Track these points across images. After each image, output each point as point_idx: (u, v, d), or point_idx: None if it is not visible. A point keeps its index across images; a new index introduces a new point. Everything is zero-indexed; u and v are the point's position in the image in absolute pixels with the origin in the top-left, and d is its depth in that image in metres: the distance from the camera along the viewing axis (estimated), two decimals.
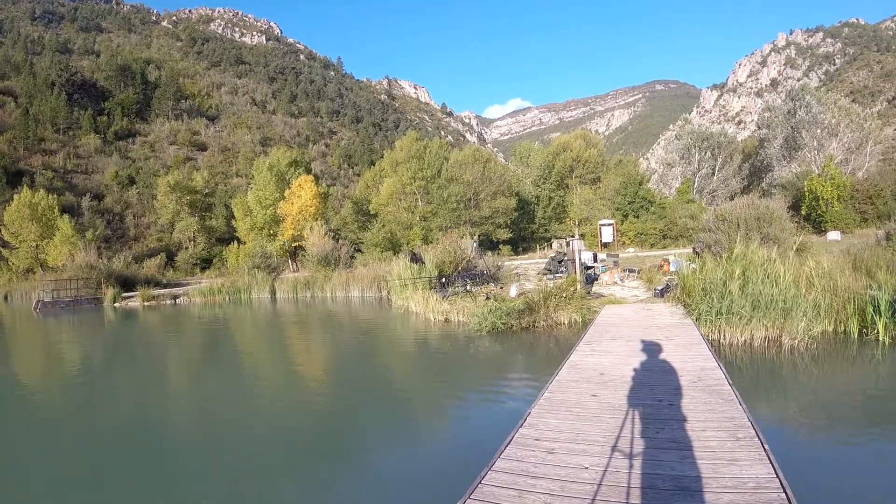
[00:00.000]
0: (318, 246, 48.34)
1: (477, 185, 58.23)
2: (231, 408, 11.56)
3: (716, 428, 5.86)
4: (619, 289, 22.59)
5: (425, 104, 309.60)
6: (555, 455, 5.50)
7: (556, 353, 13.26)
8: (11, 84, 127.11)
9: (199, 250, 74.17)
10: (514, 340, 15.79)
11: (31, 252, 68.27)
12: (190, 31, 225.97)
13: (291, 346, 20.24)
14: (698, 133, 67.82)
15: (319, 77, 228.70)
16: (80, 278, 47.76)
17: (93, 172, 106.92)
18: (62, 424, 11.18)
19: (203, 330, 27.57)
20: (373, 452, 8.11)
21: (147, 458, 8.51)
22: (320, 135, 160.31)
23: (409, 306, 24.45)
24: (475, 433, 8.58)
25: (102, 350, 22.89)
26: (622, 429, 6.05)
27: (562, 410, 6.91)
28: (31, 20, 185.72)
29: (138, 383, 15.09)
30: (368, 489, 6.91)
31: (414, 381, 13.30)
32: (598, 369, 9.00)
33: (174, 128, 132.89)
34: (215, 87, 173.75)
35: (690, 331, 12.40)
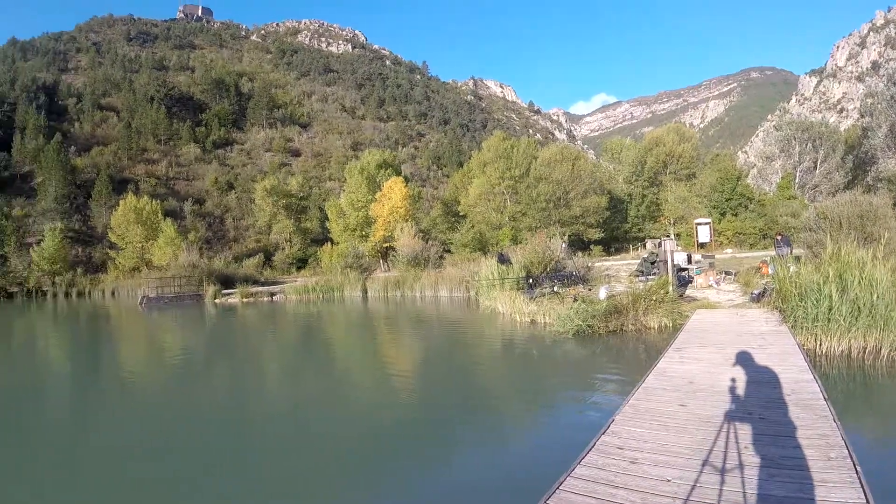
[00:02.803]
0: (407, 246, 48.87)
1: (566, 183, 57.01)
2: (320, 402, 11.86)
3: (807, 446, 5.54)
4: (714, 292, 21.82)
5: (512, 103, 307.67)
6: (637, 465, 5.35)
7: (643, 358, 12.97)
8: (113, 100, 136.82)
9: (295, 251, 76.47)
10: (600, 344, 15.45)
11: (136, 252, 73.25)
12: (279, 44, 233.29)
13: (381, 343, 20.60)
14: (797, 123, 64.17)
15: (405, 81, 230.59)
16: (182, 276, 50.15)
17: (194, 179, 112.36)
18: (162, 411, 11.74)
19: (297, 326, 28.39)
20: (453, 452, 8.16)
21: (237, 448, 8.85)
22: (409, 138, 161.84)
23: (496, 307, 24.33)
24: (556, 438, 8.46)
25: (203, 343, 23.94)
26: (709, 441, 5.80)
27: (647, 419, 6.71)
28: (126, 41, 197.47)
29: (235, 375, 15.73)
30: (447, 489, 6.92)
31: (498, 383, 13.19)
32: (687, 377, 8.72)
33: (269, 136, 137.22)
34: (306, 96, 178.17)
35: (785, 339, 11.84)
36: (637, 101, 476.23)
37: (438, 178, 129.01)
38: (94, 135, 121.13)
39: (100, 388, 15.15)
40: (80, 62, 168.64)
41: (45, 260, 72.94)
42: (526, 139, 70.12)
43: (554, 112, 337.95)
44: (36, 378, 17.35)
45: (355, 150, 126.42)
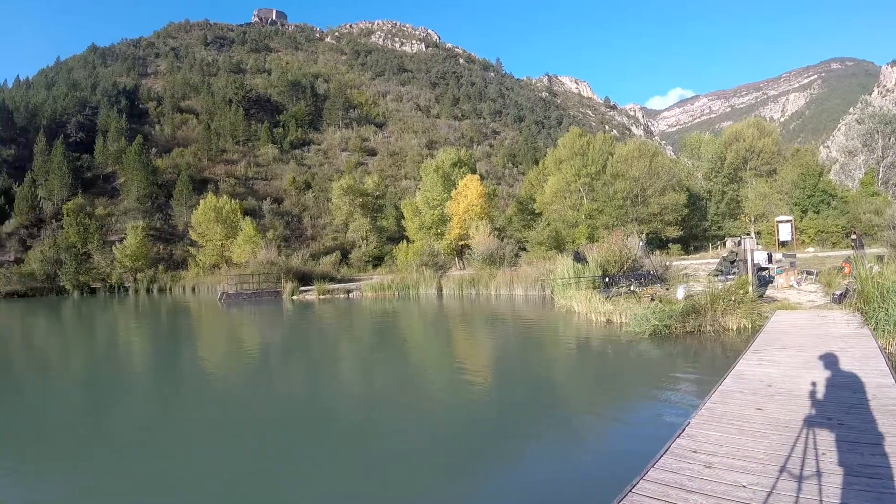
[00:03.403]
0: (483, 244, 48.83)
1: (644, 180, 55.67)
2: (395, 399, 12.05)
3: (888, 454, 5.39)
4: (795, 293, 21.20)
5: (587, 99, 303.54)
6: (712, 470, 5.29)
7: (721, 360, 12.73)
8: (192, 103, 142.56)
9: (371, 248, 77.18)
10: (677, 345, 15.24)
11: (216, 250, 76.04)
12: (353, 45, 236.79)
13: (455, 341, 20.76)
14: (880, 116, 61.54)
15: (479, 79, 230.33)
16: (261, 273, 51.69)
17: (272, 179, 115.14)
18: (239, 404, 12.16)
19: (373, 323, 28.76)
20: (525, 452, 8.20)
21: (312, 443, 9.09)
22: (484, 136, 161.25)
23: (572, 306, 24.13)
24: (630, 440, 8.41)
25: (280, 338, 24.60)
26: (786, 447, 5.71)
27: (723, 423, 6.64)
28: (203, 46, 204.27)
29: (311, 370, 16.10)
30: (518, 490, 6.95)
31: (572, 383, 13.16)
32: (766, 381, 8.57)
33: (345, 135, 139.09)
34: (381, 96, 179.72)
35: (867, 342, 11.43)
36: (715, 94, 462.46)
37: (514, 176, 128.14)
38: (175, 137, 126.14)
39: (178, 380, 15.84)
40: (159, 67, 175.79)
41: (128, 257, 77.05)
42: (602, 135, 68.80)
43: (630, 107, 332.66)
44: (117, 370, 18.26)
45: (430, 149, 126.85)
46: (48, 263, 76.61)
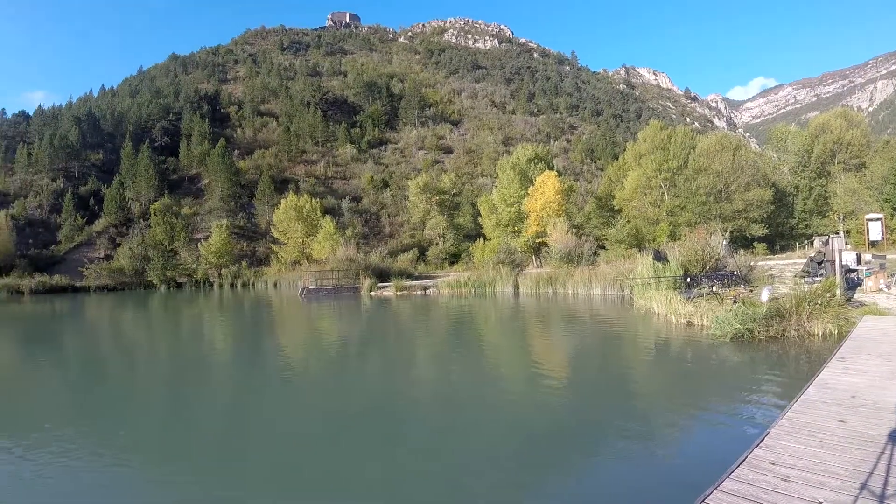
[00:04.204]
0: (560, 242, 48.36)
1: (727, 174, 53.64)
2: (468, 396, 12.15)
3: None
4: (885, 297, 20.03)
5: (667, 90, 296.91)
6: (789, 483, 5.19)
7: (804, 367, 12.47)
8: (272, 107, 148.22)
9: (448, 246, 78.28)
10: (759, 350, 14.81)
11: (297, 247, 78.34)
12: (426, 44, 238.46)
13: (531, 340, 20.72)
14: None
15: (555, 73, 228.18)
16: (340, 269, 52.96)
17: (350, 178, 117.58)
18: (317, 396, 12.64)
19: (449, 320, 29.07)
20: (598, 456, 8.22)
21: (384, 436, 9.31)
22: (561, 131, 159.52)
23: (651, 307, 23.82)
24: (706, 448, 8.34)
25: (358, 333, 25.22)
26: (868, 463, 5.57)
27: (803, 434, 6.49)
28: (280, 51, 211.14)
29: (387, 365, 16.52)
30: (589, 494, 7.01)
31: (648, 386, 13.01)
32: (850, 391, 8.34)
33: (421, 134, 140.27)
34: (455, 94, 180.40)
35: None
36: (800, 83, 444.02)
37: (592, 172, 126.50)
38: (256, 139, 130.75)
39: (260, 371, 16.42)
40: (238, 72, 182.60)
41: (213, 254, 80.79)
42: (683, 128, 66.99)
43: (712, 98, 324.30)
44: (202, 359, 19.40)
45: (507, 146, 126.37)
46: (137, 259, 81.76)
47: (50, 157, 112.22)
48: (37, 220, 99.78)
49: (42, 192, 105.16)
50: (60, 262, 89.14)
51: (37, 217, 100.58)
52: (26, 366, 19.24)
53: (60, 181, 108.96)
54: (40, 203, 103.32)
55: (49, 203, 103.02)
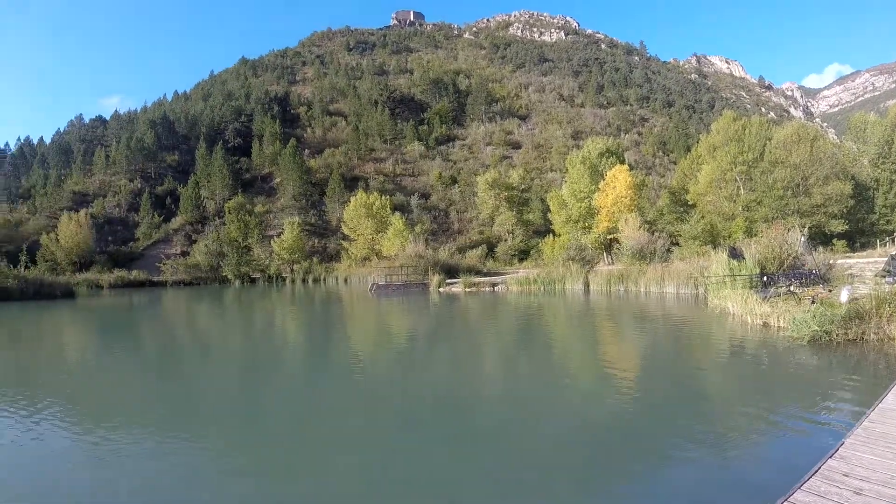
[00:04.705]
0: (632, 238, 47.53)
1: (805, 167, 51.34)
2: (535, 395, 12.04)
3: None
4: None
5: (740, 79, 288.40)
6: (862, 497, 4.97)
7: (883, 374, 11.92)
8: (340, 106, 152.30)
9: (517, 242, 78.34)
10: (837, 354, 14.19)
11: (367, 243, 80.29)
12: (491, 39, 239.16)
13: (600, 340, 20.46)
14: None
15: (624, 64, 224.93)
16: (409, 266, 53.94)
17: (419, 175, 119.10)
18: (384, 391, 12.75)
19: (517, 317, 28.95)
20: (665, 462, 8.02)
21: (449, 433, 9.35)
22: (631, 123, 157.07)
23: (726, 306, 23.21)
24: (777, 457, 8.03)
25: (426, 328, 25.52)
26: None
27: (880, 445, 6.19)
28: (347, 51, 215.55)
29: (455, 362, 16.51)
30: (655, 498, 6.91)
31: (720, 390, 12.65)
32: None
33: (489, 130, 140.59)
34: (523, 88, 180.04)
35: None
36: (877, 69, 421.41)
37: (664, 165, 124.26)
38: (325, 138, 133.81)
39: (329, 364, 16.84)
40: (306, 74, 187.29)
41: (285, 250, 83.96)
42: (758, 118, 64.58)
43: (787, 87, 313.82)
44: (274, 352, 19.87)
45: (576, 140, 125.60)
46: (212, 256, 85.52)
47: (127, 158, 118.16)
48: (115, 218, 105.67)
49: (120, 192, 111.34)
50: (138, 258, 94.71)
51: (115, 216, 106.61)
52: (105, 356, 20.10)
53: (138, 181, 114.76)
54: (118, 202, 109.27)
55: (127, 202, 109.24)
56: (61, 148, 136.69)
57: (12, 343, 24.08)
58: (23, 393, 12.83)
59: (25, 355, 20.19)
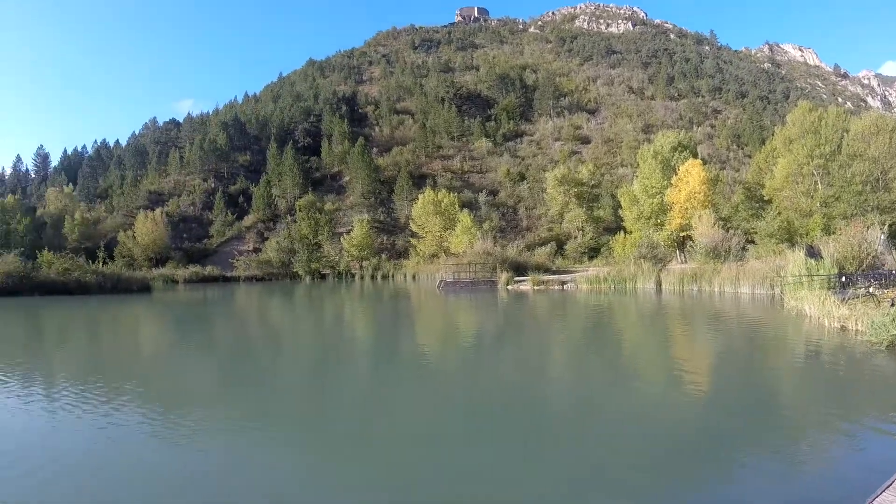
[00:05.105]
0: (706, 236, 46.63)
1: (885, 160, 48.88)
2: (603, 396, 12.04)
3: None
4: None
5: (814, 67, 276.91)
6: None
7: None
8: (407, 104, 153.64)
9: (587, 240, 77.65)
10: None
11: (435, 240, 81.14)
12: (557, 32, 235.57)
13: (672, 341, 20.22)
14: None
15: (694, 54, 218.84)
16: (477, 263, 54.50)
17: (487, 171, 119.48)
18: (450, 387, 13.02)
19: (586, 316, 28.94)
20: (738, 466, 7.90)
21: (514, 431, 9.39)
22: (704, 115, 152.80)
23: (803, 308, 22.69)
24: (849, 469, 7.84)
25: (494, 325, 25.81)
26: None
27: None
28: (412, 49, 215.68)
29: (521, 359, 16.65)
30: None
31: (792, 396, 12.32)
32: None
33: (557, 125, 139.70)
34: (591, 81, 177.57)
35: None
36: None
37: (739, 159, 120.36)
38: (393, 136, 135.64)
39: (396, 360, 17.20)
40: (373, 73, 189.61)
41: (354, 247, 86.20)
42: (834, 109, 61.81)
43: (863, 75, 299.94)
44: (342, 345, 20.73)
45: (647, 133, 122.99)
46: (283, 252, 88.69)
47: (200, 159, 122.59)
48: (190, 216, 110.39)
49: (194, 192, 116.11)
50: (212, 254, 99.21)
51: (190, 214, 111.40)
52: (179, 346, 21.33)
53: (211, 181, 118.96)
54: (193, 201, 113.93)
55: (201, 201, 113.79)
56: (137, 150, 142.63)
57: (92, 334, 25.51)
58: (102, 380, 13.59)
59: (104, 345, 21.60)
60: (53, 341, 22.93)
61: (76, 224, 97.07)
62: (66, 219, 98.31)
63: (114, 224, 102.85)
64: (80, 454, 8.24)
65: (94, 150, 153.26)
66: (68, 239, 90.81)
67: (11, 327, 28.36)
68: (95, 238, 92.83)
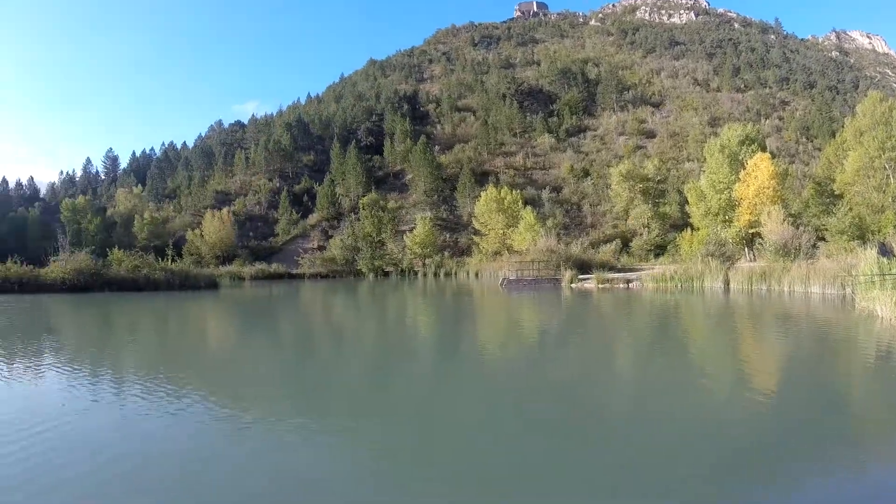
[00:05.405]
0: (775, 233, 45.73)
1: None
2: (667, 399, 11.60)
3: None
4: None
5: (884, 55, 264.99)
6: None
7: None
8: (469, 101, 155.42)
9: (653, 237, 77.41)
10: None
11: (498, 238, 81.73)
12: (618, 24, 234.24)
13: (739, 343, 19.73)
14: None
15: (759, 44, 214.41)
16: (541, 261, 54.40)
17: (550, 168, 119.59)
18: (512, 387, 12.93)
19: (652, 315, 28.65)
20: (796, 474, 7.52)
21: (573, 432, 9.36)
22: (771, 107, 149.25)
23: (875, 309, 21.98)
24: None
25: (557, 324, 25.79)
26: None
27: None
28: (472, 46, 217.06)
29: (585, 359, 16.53)
30: None
31: (860, 404, 11.61)
32: None
33: (620, 119, 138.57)
34: (654, 74, 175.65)
35: None
36: None
37: (808, 152, 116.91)
38: (455, 134, 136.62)
39: (457, 356, 17.59)
40: (433, 71, 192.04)
41: (417, 244, 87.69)
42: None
43: None
44: (404, 342, 21.22)
45: (713, 127, 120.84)
46: (347, 250, 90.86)
47: (265, 160, 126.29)
48: (256, 215, 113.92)
49: (260, 191, 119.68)
50: (278, 252, 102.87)
51: (256, 213, 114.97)
52: (245, 340, 22.05)
53: (276, 181, 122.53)
54: (259, 201, 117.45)
55: (267, 200, 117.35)
56: (203, 151, 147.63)
57: (160, 328, 26.65)
58: (168, 372, 14.17)
59: (172, 339, 22.63)
60: (122, 334, 23.93)
61: (145, 223, 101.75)
62: (135, 218, 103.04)
63: (182, 223, 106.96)
64: (146, 442, 8.57)
65: (161, 152, 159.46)
66: (138, 237, 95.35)
67: (83, 321, 29.72)
68: (164, 237, 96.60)
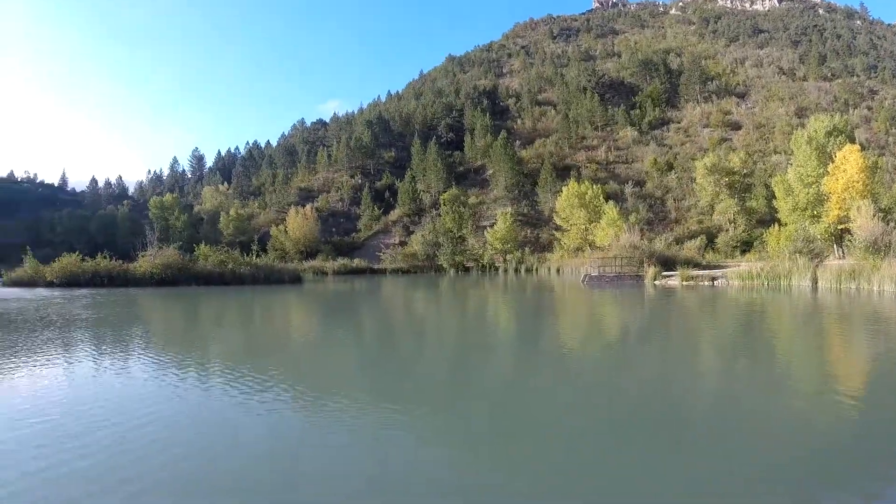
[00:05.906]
0: (864, 229, 44.17)
1: None
2: (750, 405, 10.97)
3: None
4: None
5: None
6: None
7: None
8: (549, 95, 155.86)
9: (739, 233, 76.06)
10: None
11: (579, 233, 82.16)
12: (699, 13, 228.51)
13: (826, 344, 19.14)
14: None
15: (845, 30, 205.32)
16: (623, 256, 54.15)
17: (632, 161, 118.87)
18: (590, 381, 13.23)
19: (737, 315, 27.83)
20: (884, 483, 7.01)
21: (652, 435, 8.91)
22: (860, 97, 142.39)
23: None
24: None
25: (639, 322, 25.54)
26: None
27: None
28: (551, 39, 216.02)
29: (666, 359, 16.22)
30: None
31: None
32: None
33: (705, 110, 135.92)
34: (738, 63, 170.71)
35: None
36: None
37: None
38: (535, 128, 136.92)
39: (537, 352, 17.55)
40: (512, 66, 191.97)
41: (498, 240, 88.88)
42: None
43: None
44: (484, 337, 21.44)
45: (800, 118, 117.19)
46: (428, 245, 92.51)
47: (347, 157, 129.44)
48: (338, 211, 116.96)
49: (342, 188, 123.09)
50: (360, 247, 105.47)
51: (338, 209, 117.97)
52: (328, 333, 22.93)
53: (358, 177, 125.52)
54: (341, 197, 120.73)
55: (349, 197, 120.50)
56: (286, 149, 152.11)
57: (245, 320, 27.81)
58: (252, 361, 14.71)
59: (257, 330, 23.61)
60: (209, 325, 25.09)
61: (231, 220, 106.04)
62: (221, 215, 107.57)
63: (266, 219, 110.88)
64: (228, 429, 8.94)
65: (246, 151, 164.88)
66: (223, 233, 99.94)
67: (171, 313, 31.24)
68: (249, 232, 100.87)
